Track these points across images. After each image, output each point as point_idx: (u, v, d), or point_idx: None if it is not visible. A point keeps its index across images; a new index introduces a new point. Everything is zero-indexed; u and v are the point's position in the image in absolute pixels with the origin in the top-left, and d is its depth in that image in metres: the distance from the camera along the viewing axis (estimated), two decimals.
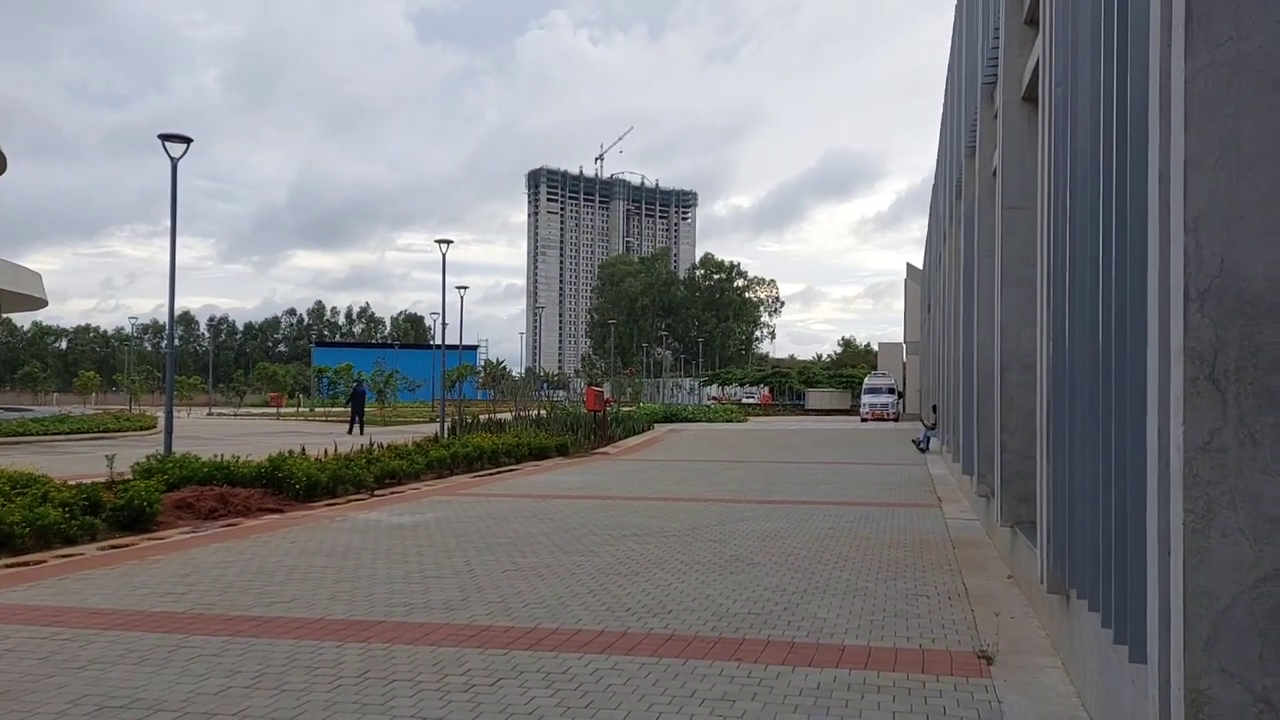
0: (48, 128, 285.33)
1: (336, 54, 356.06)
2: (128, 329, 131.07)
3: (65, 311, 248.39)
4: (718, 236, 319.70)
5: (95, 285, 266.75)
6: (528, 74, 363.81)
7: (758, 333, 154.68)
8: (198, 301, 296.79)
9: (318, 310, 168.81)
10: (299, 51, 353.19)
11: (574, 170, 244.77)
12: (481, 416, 31.19)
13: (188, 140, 17.27)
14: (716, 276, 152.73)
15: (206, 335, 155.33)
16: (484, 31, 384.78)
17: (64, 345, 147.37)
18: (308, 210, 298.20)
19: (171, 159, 17.10)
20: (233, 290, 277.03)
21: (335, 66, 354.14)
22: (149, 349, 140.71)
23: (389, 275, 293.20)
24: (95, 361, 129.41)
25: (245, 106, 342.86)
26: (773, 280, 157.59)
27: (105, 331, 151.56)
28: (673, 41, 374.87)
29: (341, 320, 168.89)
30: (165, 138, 17.09)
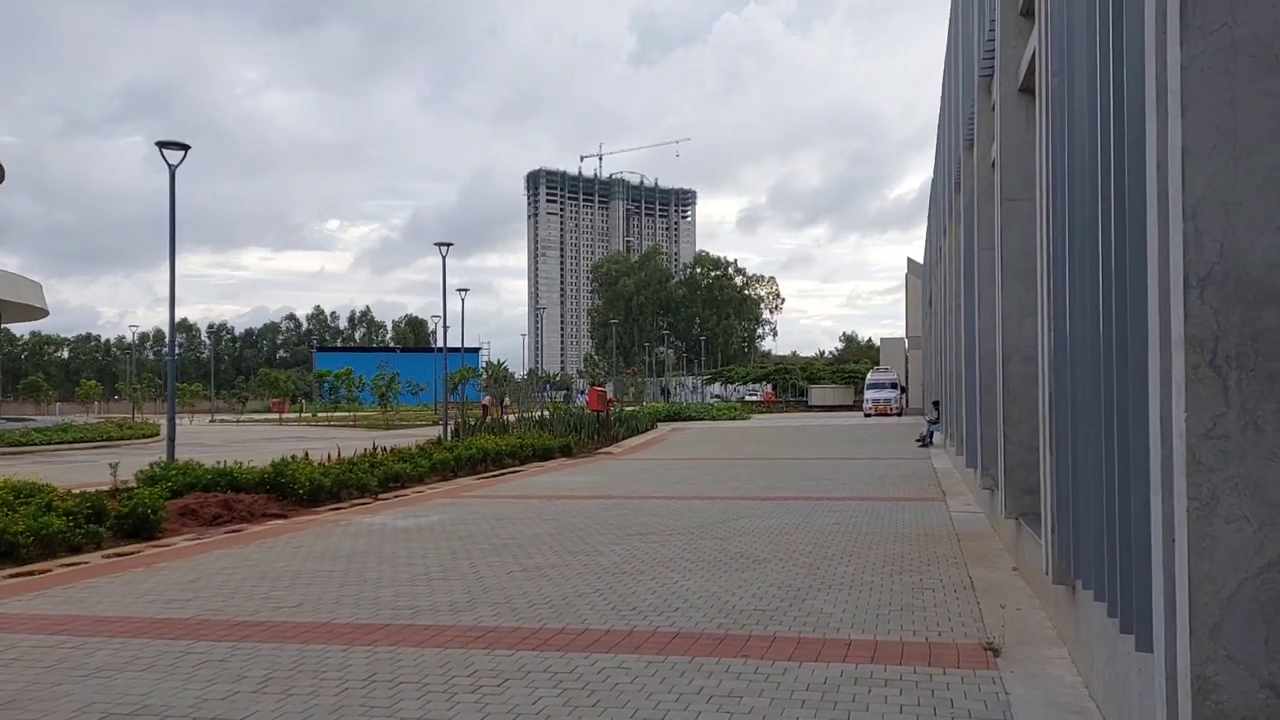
0: (252, 140, 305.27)
1: (564, 67, 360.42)
2: (129, 338, 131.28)
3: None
4: (877, 229, 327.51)
5: (212, 293, 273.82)
6: (715, 70, 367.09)
7: (760, 330, 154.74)
8: (276, 302, 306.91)
9: (318, 315, 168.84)
10: (520, 55, 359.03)
11: (573, 170, 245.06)
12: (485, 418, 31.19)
13: (185, 147, 17.27)
14: (714, 274, 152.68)
15: (207, 342, 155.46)
16: (685, 28, 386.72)
17: (65, 355, 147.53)
18: (465, 215, 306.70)
19: (170, 166, 17.10)
20: (314, 297, 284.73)
21: (558, 76, 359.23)
22: (150, 357, 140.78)
23: (498, 281, 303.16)
24: (96, 370, 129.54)
25: (444, 120, 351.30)
26: (772, 278, 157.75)
27: (107, 340, 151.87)
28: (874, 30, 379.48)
29: (343, 324, 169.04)
30: (163, 145, 17.09)
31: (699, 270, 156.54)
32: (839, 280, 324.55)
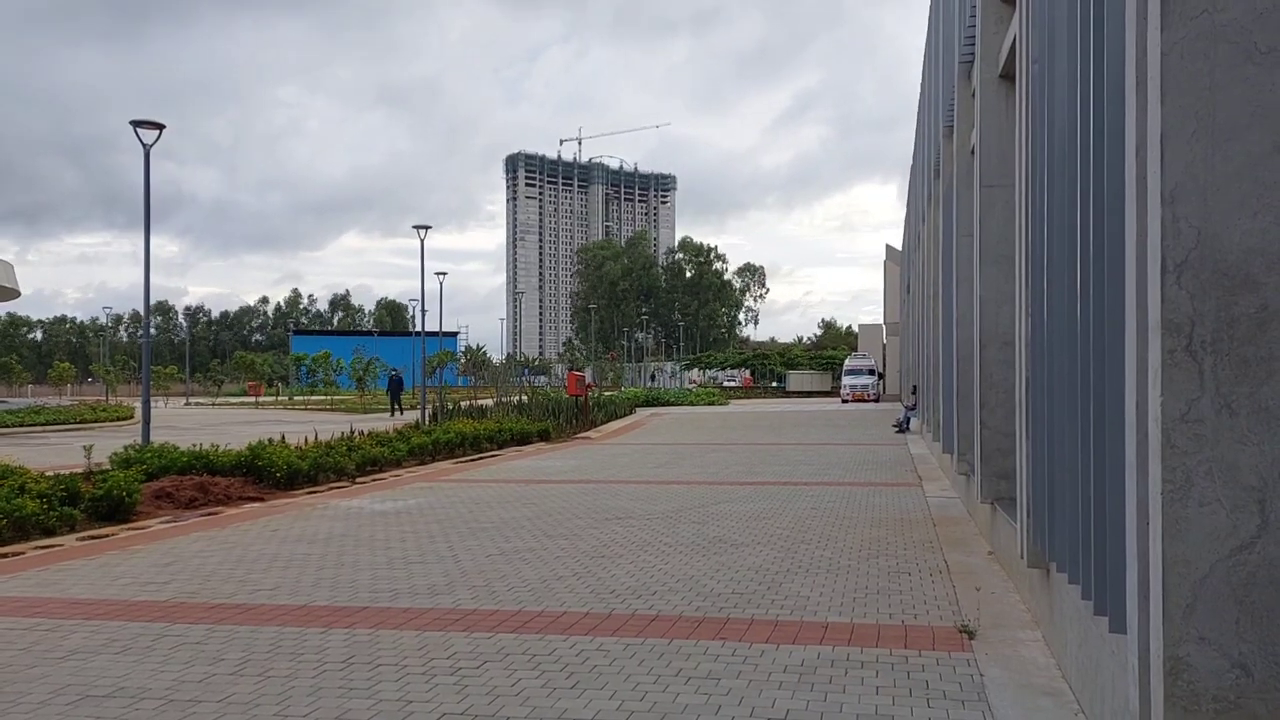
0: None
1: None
2: (103, 319, 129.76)
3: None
4: None
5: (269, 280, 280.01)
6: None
7: (740, 316, 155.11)
8: (353, 283, 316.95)
9: (294, 298, 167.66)
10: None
11: (552, 154, 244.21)
12: (463, 403, 31.12)
13: (160, 126, 17.07)
14: (697, 259, 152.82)
15: (183, 324, 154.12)
16: None
17: (38, 336, 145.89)
18: None
19: (144, 145, 16.90)
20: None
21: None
22: (124, 339, 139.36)
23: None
24: (70, 352, 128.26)
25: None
26: (761, 267, 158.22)
27: (80, 321, 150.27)
28: None
29: (321, 308, 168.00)
30: (137, 124, 16.88)
31: (681, 256, 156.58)
32: None
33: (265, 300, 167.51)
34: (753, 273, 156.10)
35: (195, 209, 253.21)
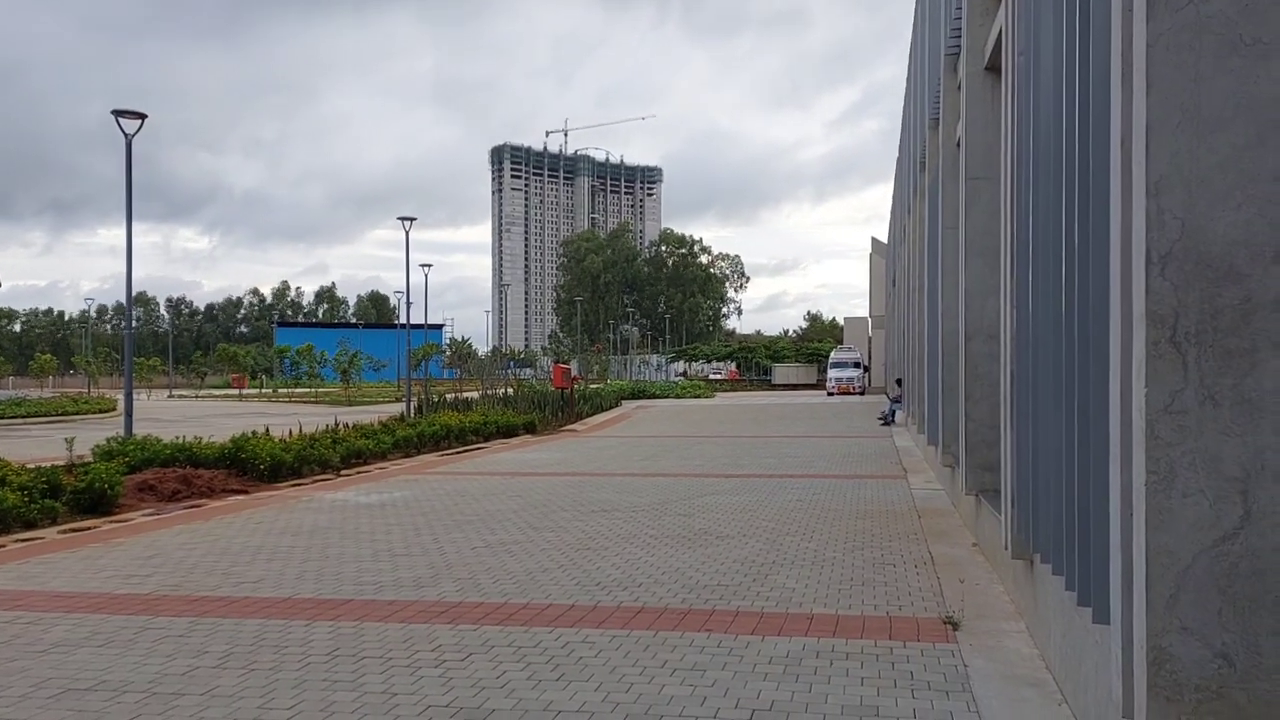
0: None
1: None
2: (87, 310, 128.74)
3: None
4: None
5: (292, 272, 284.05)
6: None
7: (725, 309, 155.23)
8: (366, 274, 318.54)
9: (280, 290, 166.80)
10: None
11: (538, 146, 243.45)
12: (448, 395, 31.03)
13: (142, 116, 16.93)
14: (680, 251, 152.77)
15: (166, 316, 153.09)
16: None
17: (18, 328, 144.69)
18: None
19: (126, 135, 16.77)
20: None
21: None
22: (107, 331, 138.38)
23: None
24: (51, 344, 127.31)
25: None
26: (737, 256, 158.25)
27: (63, 313, 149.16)
28: None
29: (306, 301, 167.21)
30: (118, 113, 16.74)
31: (664, 248, 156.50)
32: None
33: (255, 292, 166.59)
34: (727, 259, 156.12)
35: (230, 201, 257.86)
